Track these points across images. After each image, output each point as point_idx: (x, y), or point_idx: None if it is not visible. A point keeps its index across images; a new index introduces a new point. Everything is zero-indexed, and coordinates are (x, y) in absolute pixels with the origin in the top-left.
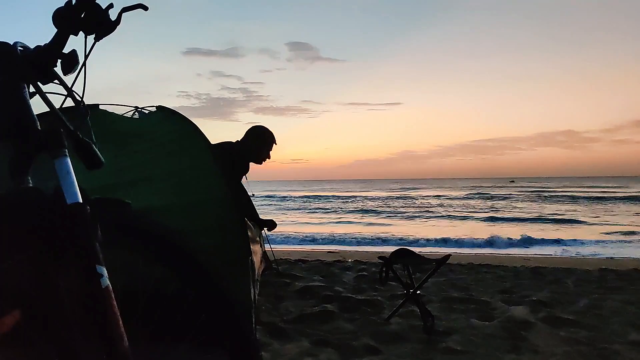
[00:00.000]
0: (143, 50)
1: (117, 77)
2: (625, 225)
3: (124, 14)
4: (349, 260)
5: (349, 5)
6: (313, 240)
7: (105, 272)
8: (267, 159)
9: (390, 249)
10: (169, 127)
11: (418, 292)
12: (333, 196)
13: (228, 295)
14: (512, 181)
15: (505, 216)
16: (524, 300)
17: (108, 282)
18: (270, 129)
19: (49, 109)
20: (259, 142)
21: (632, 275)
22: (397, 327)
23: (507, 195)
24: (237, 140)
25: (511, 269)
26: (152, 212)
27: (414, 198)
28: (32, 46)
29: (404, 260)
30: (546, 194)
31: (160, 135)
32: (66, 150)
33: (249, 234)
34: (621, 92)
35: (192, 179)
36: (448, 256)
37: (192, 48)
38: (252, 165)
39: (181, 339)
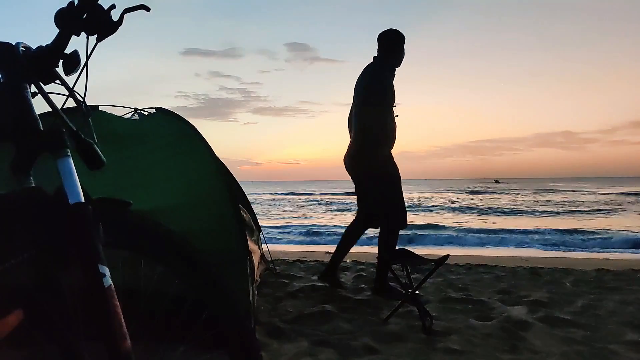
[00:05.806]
0: (141, 50)
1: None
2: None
3: (125, 15)
4: (347, 260)
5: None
6: (312, 241)
7: (107, 271)
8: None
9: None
10: (168, 128)
11: (417, 292)
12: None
13: (228, 295)
14: (497, 181)
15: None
16: (522, 300)
17: (111, 282)
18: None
19: (51, 109)
20: (400, 42)
21: (629, 275)
22: (396, 327)
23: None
24: (374, 61)
25: (509, 269)
26: (152, 212)
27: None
28: (34, 46)
29: (402, 260)
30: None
31: (160, 137)
32: (69, 150)
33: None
34: (618, 94)
35: (191, 180)
36: (447, 256)
37: (190, 48)
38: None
39: (182, 339)
